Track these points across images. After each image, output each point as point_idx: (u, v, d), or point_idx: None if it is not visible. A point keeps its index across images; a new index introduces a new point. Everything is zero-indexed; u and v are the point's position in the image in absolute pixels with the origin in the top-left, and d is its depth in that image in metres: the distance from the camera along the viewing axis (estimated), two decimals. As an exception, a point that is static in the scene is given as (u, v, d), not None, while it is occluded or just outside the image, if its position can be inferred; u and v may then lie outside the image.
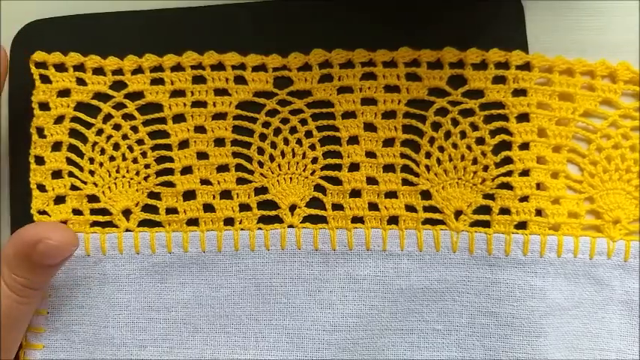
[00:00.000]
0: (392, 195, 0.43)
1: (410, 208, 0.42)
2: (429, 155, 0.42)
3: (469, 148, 0.42)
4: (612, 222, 0.42)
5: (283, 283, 0.43)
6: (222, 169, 0.44)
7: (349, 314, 0.42)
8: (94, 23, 0.45)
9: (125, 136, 0.44)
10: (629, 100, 0.43)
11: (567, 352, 0.41)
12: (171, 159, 0.44)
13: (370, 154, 0.43)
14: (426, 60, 0.43)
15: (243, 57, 0.44)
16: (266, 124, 0.43)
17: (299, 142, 0.43)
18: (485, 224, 0.42)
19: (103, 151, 0.44)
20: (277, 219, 0.43)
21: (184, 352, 0.43)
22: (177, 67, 0.44)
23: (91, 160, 0.44)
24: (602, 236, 0.42)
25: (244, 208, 0.43)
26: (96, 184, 0.44)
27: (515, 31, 0.43)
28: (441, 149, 0.42)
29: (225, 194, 0.43)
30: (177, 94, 0.44)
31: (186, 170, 0.44)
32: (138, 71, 0.44)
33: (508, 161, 0.42)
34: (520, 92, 0.42)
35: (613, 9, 0.44)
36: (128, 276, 0.43)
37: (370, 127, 0.43)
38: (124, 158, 0.44)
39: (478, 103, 0.42)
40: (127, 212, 0.44)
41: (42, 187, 0.44)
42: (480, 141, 0.42)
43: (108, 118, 0.44)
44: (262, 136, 0.43)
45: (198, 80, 0.44)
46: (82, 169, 0.44)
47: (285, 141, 0.43)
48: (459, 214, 0.42)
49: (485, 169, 0.42)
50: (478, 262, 0.42)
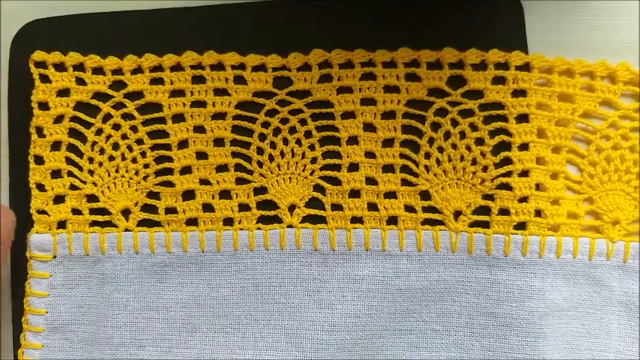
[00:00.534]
0: (391, 195, 0.42)
1: (409, 209, 0.42)
2: (428, 156, 0.42)
3: (468, 148, 0.42)
4: (611, 223, 0.42)
5: (282, 283, 0.42)
6: (222, 169, 0.43)
7: (348, 314, 0.42)
8: (94, 23, 0.45)
9: (124, 136, 0.44)
10: (629, 101, 0.42)
11: (566, 352, 0.41)
12: (170, 159, 0.43)
13: (369, 155, 0.43)
14: (426, 60, 0.42)
15: (242, 57, 0.43)
16: (265, 124, 0.43)
17: (298, 142, 0.43)
18: (485, 225, 0.42)
19: (102, 151, 0.44)
20: (276, 219, 0.43)
21: (183, 352, 0.43)
22: (177, 67, 0.44)
23: (91, 159, 0.44)
24: (601, 237, 0.42)
25: (243, 208, 0.43)
26: (95, 184, 0.44)
27: (515, 31, 0.43)
28: (440, 150, 0.42)
29: (225, 194, 0.43)
30: (177, 93, 0.44)
31: (186, 170, 0.43)
32: (137, 71, 0.44)
33: (507, 162, 0.42)
34: (519, 93, 0.42)
35: (618, 10, 0.43)
36: (127, 276, 0.43)
37: (370, 128, 0.43)
38: (124, 158, 0.44)
39: (477, 104, 0.42)
40: (126, 212, 0.44)
41: (41, 187, 0.44)
42: (480, 141, 0.42)
43: (107, 117, 0.44)
44: (262, 136, 0.43)
45: (198, 80, 0.44)
46: (81, 169, 0.44)
47: (285, 141, 0.43)
48: (458, 214, 0.42)
49: (485, 169, 0.42)
50: (477, 263, 0.41)
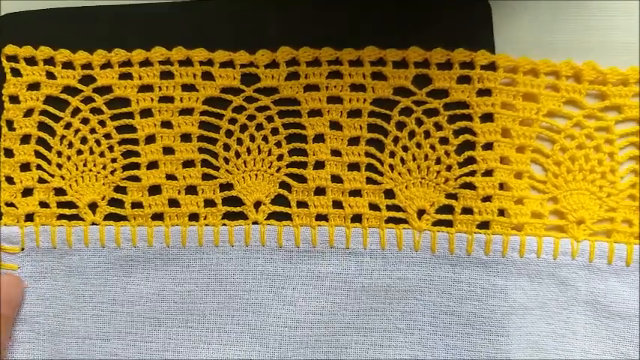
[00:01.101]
0: (356, 193, 0.42)
1: (373, 207, 0.42)
2: (393, 154, 0.42)
3: (433, 147, 0.42)
4: (576, 222, 0.41)
5: (246, 279, 0.42)
6: (188, 164, 0.43)
7: (311, 311, 0.42)
8: (67, 17, 0.44)
9: (93, 130, 0.43)
10: (594, 100, 0.42)
11: (532, 351, 0.41)
12: (137, 153, 0.43)
13: (335, 153, 0.42)
14: (392, 59, 0.42)
15: (211, 53, 0.43)
16: (232, 121, 0.43)
17: (265, 139, 0.43)
18: (448, 224, 0.42)
19: (70, 145, 0.43)
20: (242, 215, 0.43)
21: (147, 345, 0.42)
22: (146, 63, 0.43)
23: (59, 153, 0.43)
24: (566, 237, 0.41)
25: (209, 203, 0.43)
26: (63, 177, 0.43)
27: (483, 32, 0.42)
28: (405, 149, 0.42)
29: (191, 190, 0.43)
30: (145, 89, 0.43)
31: (152, 165, 0.43)
32: (107, 66, 0.44)
33: (471, 161, 0.42)
34: (485, 92, 0.42)
35: (616, 10, 0.43)
36: (94, 269, 0.43)
37: (336, 126, 0.42)
38: (92, 152, 0.43)
39: (442, 103, 0.42)
40: (93, 206, 0.43)
41: (10, 180, 0.43)
42: (444, 141, 0.42)
43: (76, 111, 0.43)
44: (228, 133, 0.43)
45: (166, 76, 0.43)
46: (49, 162, 0.43)
47: (251, 138, 0.43)
48: (421, 213, 0.42)
49: (449, 168, 0.42)
50: (440, 261, 0.41)
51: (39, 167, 0.43)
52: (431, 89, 0.42)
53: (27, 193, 0.44)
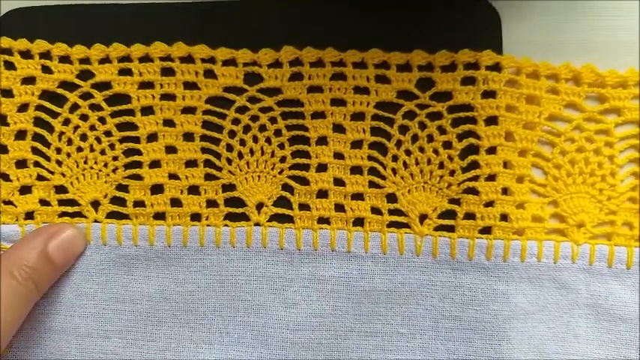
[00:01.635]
0: (358, 197, 0.42)
1: (375, 211, 0.41)
2: (395, 158, 0.41)
3: (436, 151, 0.41)
4: (576, 226, 0.41)
5: (248, 281, 0.42)
6: (191, 164, 0.42)
7: (313, 314, 0.41)
8: (68, 14, 0.43)
9: (93, 127, 0.42)
10: (594, 103, 0.42)
11: (533, 356, 0.41)
12: (139, 152, 0.42)
13: (338, 156, 0.42)
14: (396, 62, 0.41)
15: (212, 50, 0.42)
16: (235, 121, 0.42)
17: (268, 140, 0.42)
18: (450, 229, 0.41)
19: (70, 142, 0.42)
20: (244, 216, 0.42)
21: (148, 344, 0.42)
22: (146, 59, 0.43)
23: (58, 150, 0.42)
24: (566, 240, 0.41)
25: (211, 204, 0.42)
26: (64, 175, 0.42)
27: (490, 36, 0.42)
28: (407, 152, 0.41)
29: (193, 189, 0.42)
30: (146, 85, 0.43)
31: (155, 164, 0.42)
32: (105, 61, 0.43)
33: (475, 166, 0.41)
34: (489, 94, 0.41)
35: (621, 9, 0.42)
36: (95, 266, 0.42)
37: (339, 129, 0.42)
38: (92, 149, 0.42)
39: (446, 106, 0.41)
40: (95, 203, 0.43)
41: (6, 177, 0.43)
42: (447, 145, 0.41)
43: (75, 107, 0.43)
44: (231, 133, 0.42)
45: (167, 72, 0.42)
46: (48, 159, 0.43)
47: (254, 139, 0.42)
48: (423, 217, 0.41)
49: (452, 173, 0.41)
50: (441, 266, 0.41)
51: (37, 164, 0.43)
52: (434, 92, 0.41)
53: (25, 190, 0.43)
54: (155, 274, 0.42)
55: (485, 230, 0.41)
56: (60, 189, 0.43)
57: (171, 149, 0.42)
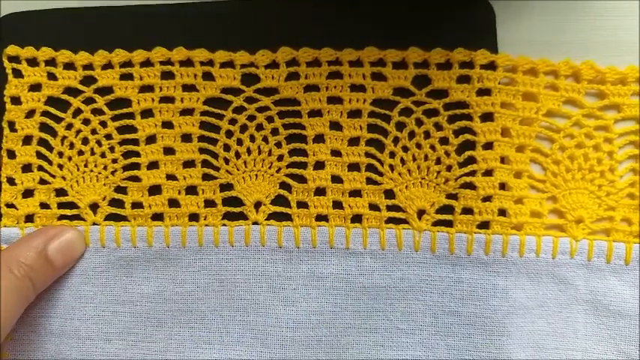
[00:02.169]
0: (356, 194, 0.41)
1: (373, 207, 0.41)
2: (393, 155, 0.41)
3: (433, 148, 0.41)
4: (575, 221, 0.41)
5: (247, 280, 0.41)
6: (189, 164, 0.42)
7: (312, 312, 0.41)
8: (70, 18, 0.44)
9: (94, 131, 0.42)
10: (593, 99, 0.41)
11: (532, 351, 0.40)
12: (138, 154, 0.42)
13: (335, 153, 0.41)
14: (391, 60, 0.41)
15: (211, 53, 0.42)
16: (233, 121, 0.42)
17: (265, 139, 0.42)
18: (448, 224, 0.41)
19: (72, 145, 0.42)
20: (242, 216, 0.42)
21: (149, 345, 0.42)
22: (147, 63, 0.43)
23: (60, 154, 0.42)
24: (564, 236, 0.41)
25: (209, 204, 0.42)
26: (64, 178, 0.42)
27: (485, 33, 0.41)
28: (405, 149, 0.41)
29: (191, 190, 0.42)
30: (146, 89, 0.43)
31: (153, 165, 0.42)
32: (108, 66, 0.43)
33: (471, 161, 0.41)
34: (484, 92, 0.41)
35: (622, 9, 0.42)
36: (94, 269, 0.42)
37: (336, 126, 0.41)
38: (93, 152, 0.42)
39: (442, 103, 0.41)
40: (94, 206, 0.42)
41: (12, 181, 0.42)
42: (444, 141, 0.41)
43: (77, 112, 0.43)
44: (229, 133, 0.42)
45: (167, 76, 0.42)
46: (51, 163, 0.42)
47: (252, 138, 0.42)
48: (421, 213, 0.41)
49: (449, 169, 0.41)
50: (440, 262, 0.40)
51: (40, 168, 0.43)
52: (430, 89, 0.41)
53: (27, 194, 0.43)
54: (154, 275, 0.42)
55: (484, 225, 0.40)
56: (60, 192, 0.43)
57: (169, 150, 0.42)
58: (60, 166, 0.42)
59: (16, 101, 0.43)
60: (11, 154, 0.43)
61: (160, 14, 0.43)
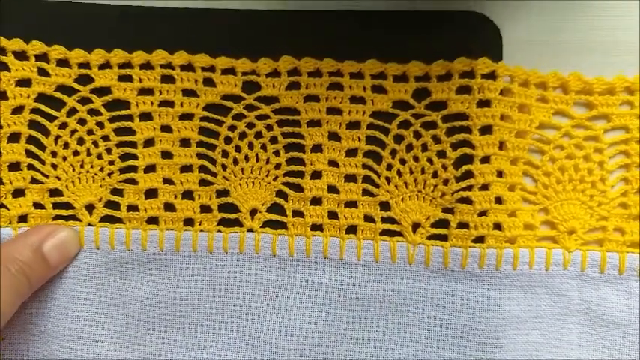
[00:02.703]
0: (352, 205, 0.41)
1: (369, 219, 0.41)
2: (390, 167, 0.41)
3: (430, 161, 0.41)
4: (567, 232, 0.41)
5: (240, 287, 0.41)
6: (186, 169, 0.42)
7: (305, 320, 0.41)
8: (66, 11, 0.43)
9: (90, 132, 0.42)
10: (583, 110, 0.41)
11: None
12: (135, 156, 0.42)
13: (333, 163, 0.41)
14: (392, 73, 0.41)
15: (212, 59, 0.42)
16: (232, 128, 0.41)
17: (263, 147, 0.41)
18: (443, 238, 0.41)
19: (66, 145, 0.42)
20: (237, 222, 0.41)
21: (141, 349, 0.41)
22: (146, 65, 0.42)
23: (54, 153, 0.42)
24: (557, 247, 0.41)
25: (205, 209, 0.42)
26: (59, 178, 0.42)
27: (490, 50, 0.41)
28: (402, 162, 0.41)
29: (187, 195, 0.42)
30: (145, 92, 0.42)
31: (150, 169, 0.42)
32: (105, 66, 0.42)
33: (469, 175, 0.40)
34: (484, 103, 0.40)
35: (620, 9, 0.42)
36: (89, 270, 0.42)
37: (334, 137, 0.41)
38: (89, 154, 0.42)
39: (441, 115, 0.41)
40: (90, 207, 0.42)
41: (-1, 180, 0.42)
42: (442, 154, 0.41)
43: (73, 112, 0.42)
44: (227, 139, 0.41)
45: (167, 79, 0.42)
46: (43, 162, 0.42)
47: (250, 145, 0.41)
48: (416, 226, 0.41)
49: (446, 182, 0.40)
50: (434, 275, 0.40)
51: (31, 167, 0.42)
52: (430, 101, 0.41)
53: (18, 194, 0.42)
54: (148, 278, 0.42)
55: (478, 239, 0.40)
56: (54, 192, 0.42)
57: (167, 154, 0.42)
58: (54, 166, 0.42)
59: (1, 96, 0.42)
60: (-4, 152, 0.42)
61: (161, 16, 0.43)
